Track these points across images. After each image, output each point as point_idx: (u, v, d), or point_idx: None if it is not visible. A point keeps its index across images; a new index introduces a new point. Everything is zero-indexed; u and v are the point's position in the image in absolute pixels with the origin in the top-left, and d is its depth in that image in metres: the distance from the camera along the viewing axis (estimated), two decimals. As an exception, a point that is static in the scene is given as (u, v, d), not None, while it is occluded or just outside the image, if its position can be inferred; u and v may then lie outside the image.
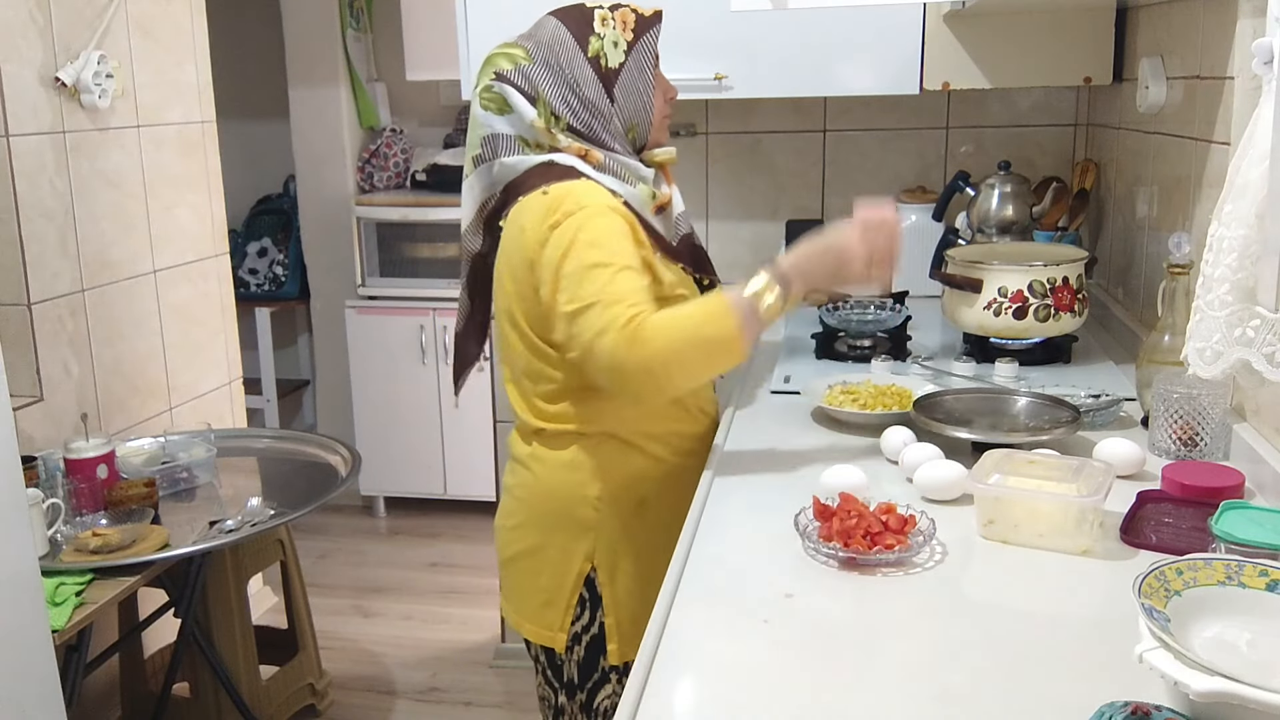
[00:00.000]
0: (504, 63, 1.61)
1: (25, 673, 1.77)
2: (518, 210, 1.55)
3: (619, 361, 1.40)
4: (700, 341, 1.42)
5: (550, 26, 1.62)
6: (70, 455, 2.25)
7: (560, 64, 1.59)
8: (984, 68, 2.34)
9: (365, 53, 4.30)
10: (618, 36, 1.61)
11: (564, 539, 1.62)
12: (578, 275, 1.45)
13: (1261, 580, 0.96)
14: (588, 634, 1.64)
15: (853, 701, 0.99)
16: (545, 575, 1.65)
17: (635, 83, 1.62)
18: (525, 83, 1.59)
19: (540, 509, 1.65)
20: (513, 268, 1.56)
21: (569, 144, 1.58)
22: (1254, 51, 1.29)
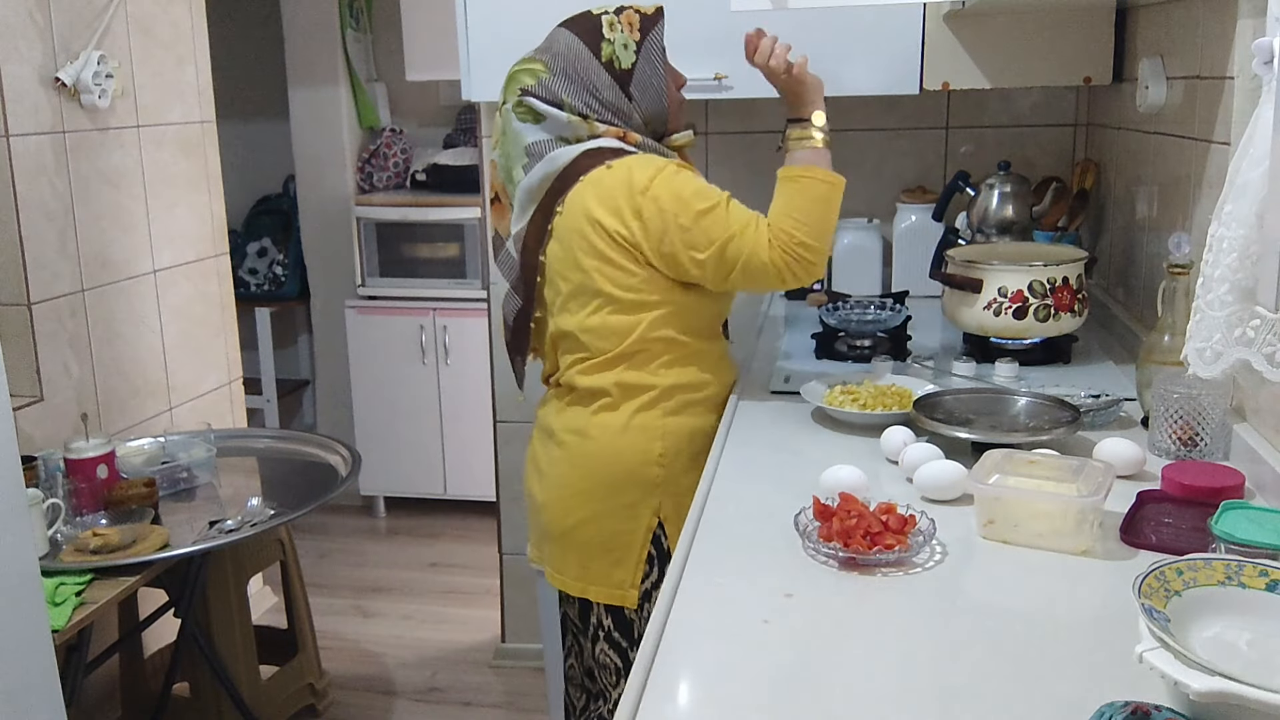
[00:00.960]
0: (527, 79, 1.75)
1: (25, 673, 1.77)
2: (581, 191, 1.70)
3: (781, 265, 1.66)
4: (819, 202, 1.70)
5: (564, 39, 1.76)
6: (70, 455, 2.25)
7: (578, 72, 1.73)
8: (984, 68, 2.34)
9: (365, 53, 4.30)
10: (626, 39, 1.75)
11: (631, 499, 1.74)
12: (696, 226, 1.66)
13: (1261, 580, 0.96)
14: (658, 590, 1.65)
15: (853, 701, 0.99)
16: (614, 536, 1.75)
17: (649, 79, 1.77)
18: (549, 95, 1.73)
19: (605, 472, 1.75)
20: (586, 244, 1.69)
21: (606, 129, 1.74)
22: (1254, 51, 1.29)
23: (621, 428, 1.75)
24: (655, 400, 1.75)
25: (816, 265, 1.69)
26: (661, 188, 1.66)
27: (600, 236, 1.69)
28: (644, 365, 1.75)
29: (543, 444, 1.87)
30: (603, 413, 1.76)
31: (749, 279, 1.69)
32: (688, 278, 1.71)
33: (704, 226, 1.66)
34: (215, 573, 2.49)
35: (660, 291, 1.73)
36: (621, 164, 1.69)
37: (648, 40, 1.77)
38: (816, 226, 1.69)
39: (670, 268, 1.70)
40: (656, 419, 1.75)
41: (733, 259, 1.67)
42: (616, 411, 1.75)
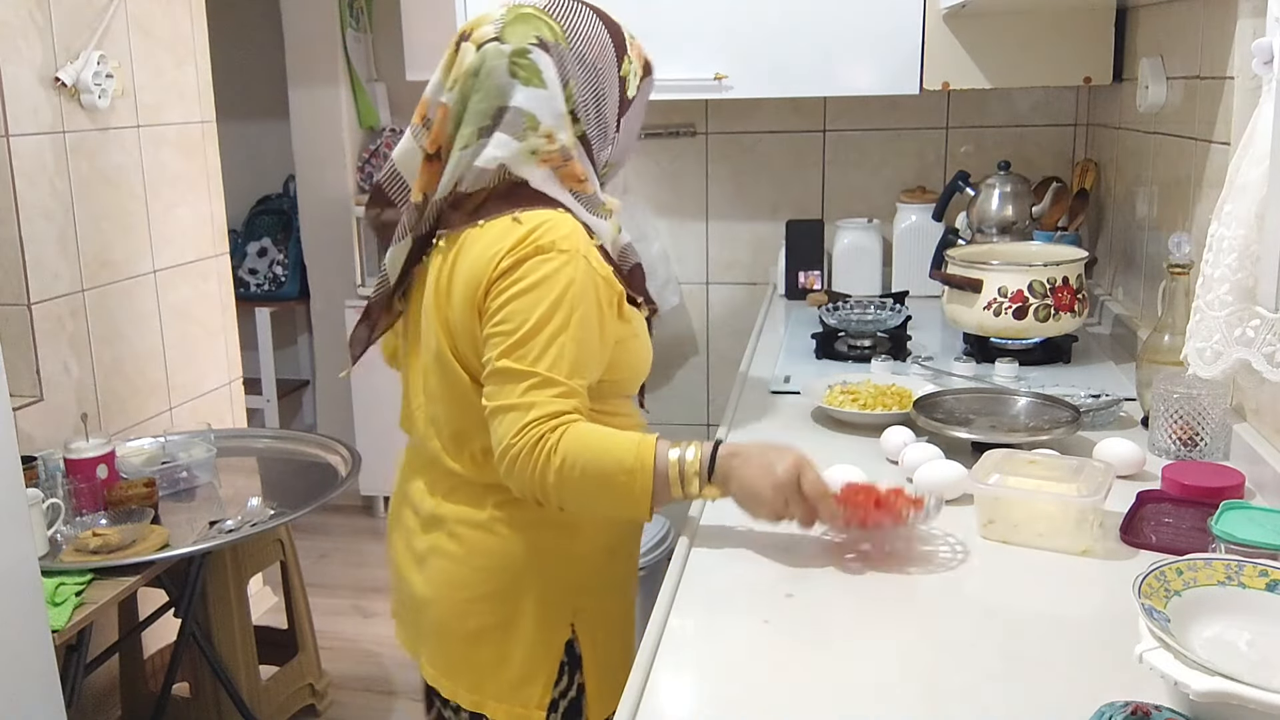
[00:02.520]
0: (546, 31, 1.34)
1: (25, 673, 1.77)
2: (480, 235, 1.32)
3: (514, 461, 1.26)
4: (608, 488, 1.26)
5: (588, 21, 1.38)
6: (70, 455, 2.25)
7: (597, 67, 1.37)
8: (984, 68, 2.34)
9: (365, 53, 4.30)
10: (637, 68, 1.43)
11: (544, 604, 1.41)
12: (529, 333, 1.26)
13: (1261, 580, 0.96)
14: (565, 699, 1.45)
15: (853, 701, 0.99)
16: (523, 647, 1.42)
17: (634, 123, 1.46)
18: (562, 67, 1.34)
19: (513, 575, 1.41)
20: (464, 296, 1.32)
21: (575, 159, 1.35)
22: (1254, 51, 1.29)
23: (531, 522, 1.39)
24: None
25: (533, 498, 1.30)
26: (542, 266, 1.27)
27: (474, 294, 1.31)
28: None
29: (420, 525, 1.48)
30: (504, 506, 1.39)
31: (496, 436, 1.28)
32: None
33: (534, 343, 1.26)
34: (215, 573, 2.49)
35: None
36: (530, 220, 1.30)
37: (646, 83, 1.46)
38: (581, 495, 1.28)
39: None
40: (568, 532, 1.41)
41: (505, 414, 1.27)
42: (520, 504, 1.36)
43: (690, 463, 1.26)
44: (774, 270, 2.75)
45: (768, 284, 2.80)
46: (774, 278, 2.75)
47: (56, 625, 1.90)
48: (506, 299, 1.28)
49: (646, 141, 2.79)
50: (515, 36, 1.33)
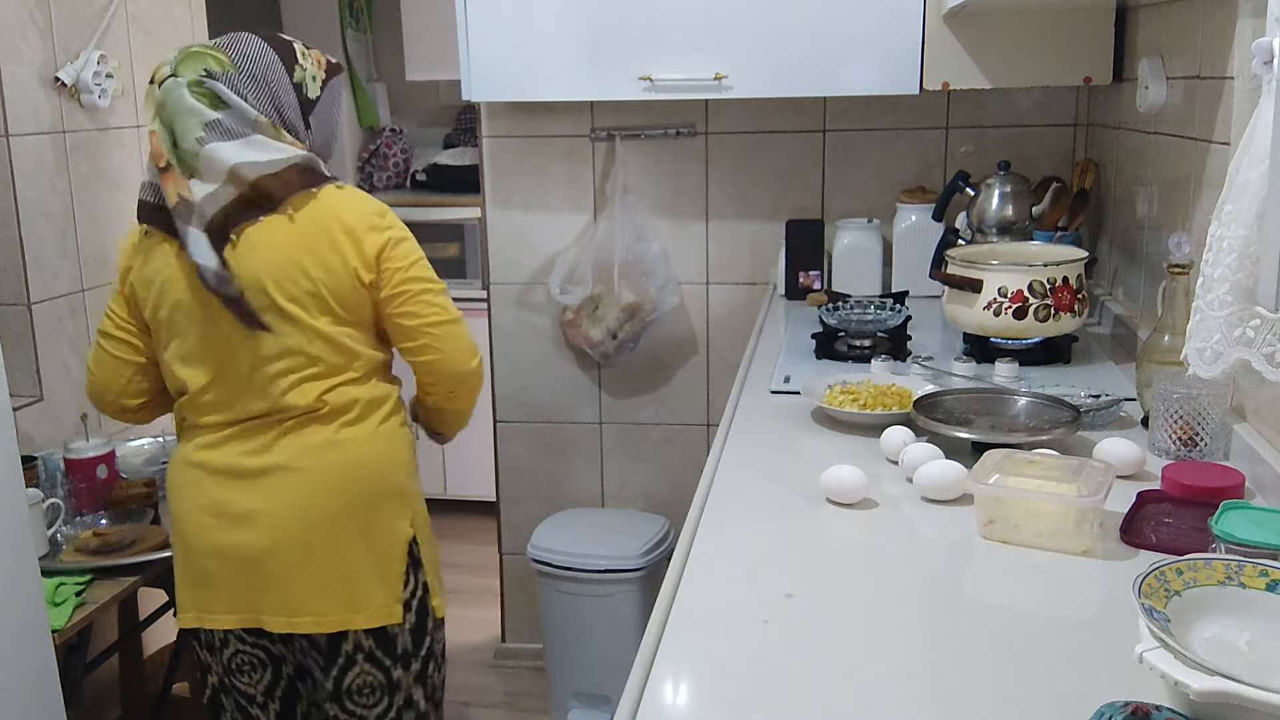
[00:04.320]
0: (212, 63, 1.68)
1: (25, 673, 1.77)
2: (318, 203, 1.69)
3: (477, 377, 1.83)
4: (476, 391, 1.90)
5: (255, 46, 1.72)
6: (70, 455, 2.25)
7: (268, 80, 1.71)
8: (984, 68, 2.34)
9: (365, 53, 4.30)
10: (315, 72, 1.78)
11: (390, 511, 1.75)
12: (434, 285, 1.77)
13: (1261, 580, 0.96)
14: (415, 598, 1.78)
15: (853, 701, 0.99)
16: (374, 554, 1.73)
17: (327, 116, 1.81)
18: (235, 89, 1.67)
19: (360, 487, 1.73)
20: (326, 257, 1.68)
21: (292, 141, 1.72)
22: (1254, 51, 1.29)
23: (372, 436, 1.75)
24: (394, 410, 1.80)
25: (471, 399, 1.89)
26: (406, 234, 1.77)
27: (353, 249, 1.69)
28: (373, 377, 1.78)
29: (240, 485, 1.71)
30: (345, 428, 1.73)
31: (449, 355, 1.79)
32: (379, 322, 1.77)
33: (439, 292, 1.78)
34: (215, 573, 2.49)
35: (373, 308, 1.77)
36: (350, 190, 1.75)
37: (332, 82, 1.82)
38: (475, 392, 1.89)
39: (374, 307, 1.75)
40: (397, 427, 1.80)
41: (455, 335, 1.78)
42: (361, 420, 1.75)
43: None
44: (774, 270, 2.75)
45: (768, 284, 2.80)
46: (774, 278, 2.75)
47: (56, 625, 1.90)
48: (402, 243, 1.74)
49: (646, 141, 2.79)
50: (187, 70, 1.67)
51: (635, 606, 2.65)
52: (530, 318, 2.95)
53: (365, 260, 1.69)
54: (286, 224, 1.66)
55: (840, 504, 1.40)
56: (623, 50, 2.42)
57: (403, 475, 1.78)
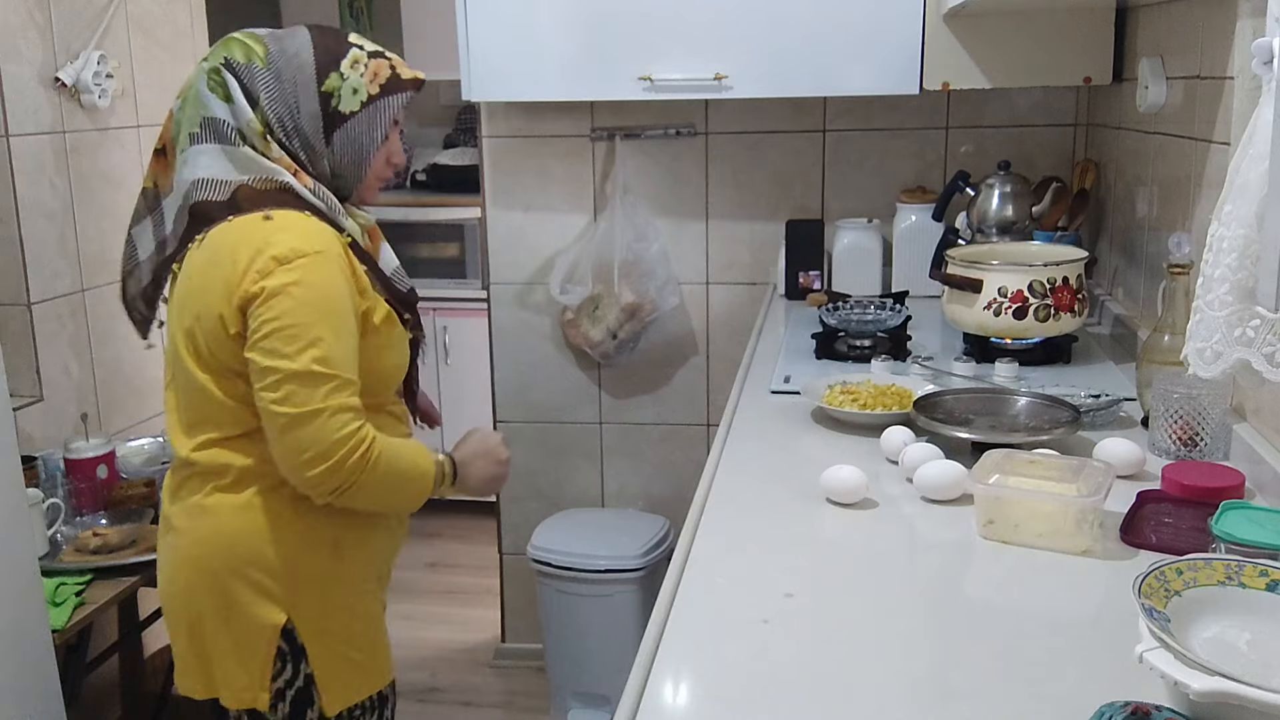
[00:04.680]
0: (239, 53, 1.52)
1: (25, 673, 1.77)
2: (226, 230, 1.46)
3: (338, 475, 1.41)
4: (405, 491, 1.53)
5: (301, 41, 1.54)
6: (70, 455, 2.25)
7: (291, 82, 1.51)
8: (984, 68, 2.34)
9: (365, 53, 4.29)
10: (360, 84, 1.53)
11: (249, 595, 1.50)
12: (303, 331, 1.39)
13: (1261, 580, 0.96)
14: (292, 688, 1.53)
15: (853, 701, 0.99)
16: (232, 636, 1.52)
17: (360, 136, 1.54)
18: (250, 82, 1.51)
19: (218, 562, 1.51)
20: (205, 292, 1.44)
21: (280, 156, 1.51)
22: (1254, 51, 1.29)
23: (236, 508, 1.50)
24: (278, 479, 1.48)
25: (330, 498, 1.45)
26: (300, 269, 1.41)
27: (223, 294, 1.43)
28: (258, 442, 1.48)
29: (163, 535, 1.61)
30: (217, 493, 1.51)
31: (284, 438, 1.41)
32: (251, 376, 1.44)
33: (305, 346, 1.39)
34: (215, 573, 2.49)
35: None
36: (281, 220, 1.45)
37: (383, 100, 1.54)
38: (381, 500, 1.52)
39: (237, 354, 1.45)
40: (278, 500, 1.50)
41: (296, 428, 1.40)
42: (230, 490, 1.50)
43: (445, 467, 1.56)
44: (774, 270, 2.75)
45: (768, 284, 2.80)
46: (774, 278, 2.75)
47: (56, 625, 1.90)
48: (274, 303, 1.39)
49: (646, 141, 2.79)
50: (213, 58, 1.53)
51: (635, 606, 2.65)
52: (530, 318, 2.95)
53: (231, 309, 1.42)
54: (195, 251, 1.48)
55: (840, 504, 1.40)
56: (623, 50, 2.42)
57: (276, 556, 1.50)
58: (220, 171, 1.49)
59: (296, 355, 1.38)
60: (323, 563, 1.53)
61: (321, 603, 1.53)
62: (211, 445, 1.51)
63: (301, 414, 1.38)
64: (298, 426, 1.39)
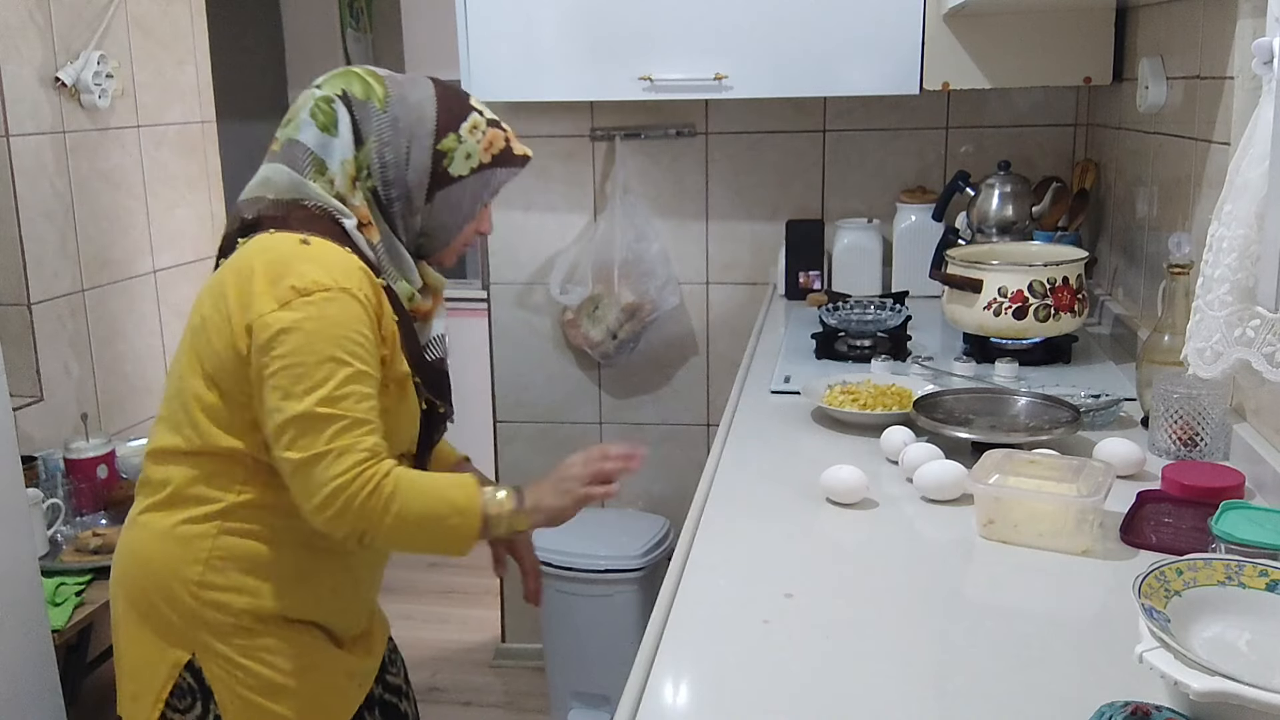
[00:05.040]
0: (358, 88, 1.45)
1: (25, 673, 1.77)
2: (262, 243, 1.38)
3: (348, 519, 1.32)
4: (440, 529, 1.37)
5: (424, 93, 1.47)
6: (70, 455, 2.25)
7: (407, 132, 1.44)
8: (984, 68, 2.34)
9: (365, 53, 4.30)
10: (474, 150, 1.47)
11: (158, 626, 1.44)
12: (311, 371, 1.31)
13: (1261, 580, 0.96)
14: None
15: (853, 701, 0.99)
16: (134, 660, 1.47)
17: (460, 201, 1.48)
18: (364, 120, 1.43)
19: (135, 585, 1.46)
20: (222, 298, 1.38)
21: (359, 206, 1.43)
22: (1254, 51, 1.29)
23: (163, 534, 1.43)
24: (221, 517, 1.41)
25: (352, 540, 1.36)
26: (317, 303, 1.32)
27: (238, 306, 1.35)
28: (211, 469, 1.41)
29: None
30: (149, 511, 1.45)
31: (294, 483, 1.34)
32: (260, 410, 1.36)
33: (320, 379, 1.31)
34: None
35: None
36: (319, 248, 1.36)
37: (489, 172, 1.48)
38: (409, 541, 1.40)
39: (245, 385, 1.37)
40: (214, 536, 1.41)
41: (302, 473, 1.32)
42: (165, 513, 1.43)
43: (504, 500, 1.41)
44: (774, 270, 2.75)
45: (768, 284, 2.80)
46: (774, 278, 2.75)
47: (56, 625, 1.90)
48: (285, 339, 1.32)
49: (646, 141, 2.80)
50: (329, 86, 1.45)
51: (635, 606, 2.65)
52: (530, 318, 2.95)
53: (240, 326, 1.35)
54: (236, 253, 1.42)
55: (840, 504, 1.40)
56: (623, 50, 2.42)
57: (186, 595, 1.40)
58: (281, 192, 1.42)
59: (302, 396, 1.31)
60: (240, 610, 1.42)
61: (233, 651, 1.42)
62: (164, 455, 1.44)
63: (306, 458, 1.31)
64: (303, 470, 1.32)
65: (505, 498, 1.41)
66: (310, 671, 1.47)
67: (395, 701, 1.73)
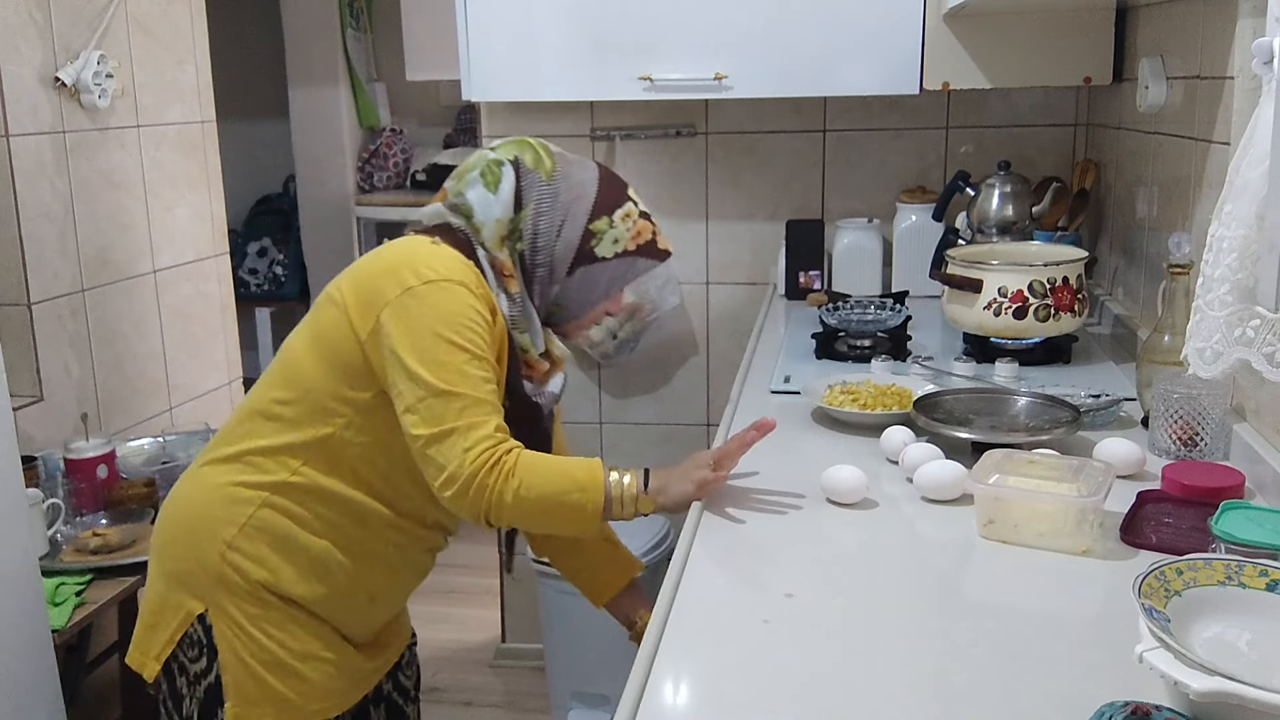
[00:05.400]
0: (529, 157, 1.54)
1: (25, 673, 1.77)
2: (398, 241, 1.51)
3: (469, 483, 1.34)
4: (563, 505, 1.39)
5: (588, 175, 1.56)
6: (70, 455, 2.25)
7: (565, 207, 1.52)
8: (984, 68, 2.34)
9: (365, 53, 4.30)
10: (623, 236, 1.55)
11: (183, 577, 1.49)
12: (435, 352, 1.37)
13: (1261, 580, 0.96)
14: (204, 680, 1.50)
15: (853, 702, 0.99)
16: (157, 600, 1.53)
17: (598, 281, 1.55)
18: (528, 187, 1.52)
19: (177, 525, 1.52)
20: (349, 281, 1.48)
21: (504, 260, 1.50)
22: (1254, 51, 1.29)
23: (212, 489, 1.49)
24: (275, 491, 1.47)
25: (479, 518, 1.39)
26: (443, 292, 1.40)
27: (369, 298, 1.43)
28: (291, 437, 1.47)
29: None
30: (210, 465, 1.52)
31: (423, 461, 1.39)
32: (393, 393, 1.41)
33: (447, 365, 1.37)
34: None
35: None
36: (448, 252, 1.46)
37: (631, 260, 1.56)
38: (534, 519, 1.42)
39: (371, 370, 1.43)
40: (253, 502, 1.47)
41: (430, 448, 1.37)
42: (222, 468, 1.50)
43: (629, 484, 1.41)
44: (774, 270, 2.75)
45: (768, 284, 2.80)
46: (774, 278, 2.75)
47: (56, 625, 1.90)
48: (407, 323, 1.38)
49: (646, 142, 2.80)
50: (503, 151, 1.55)
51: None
52: (530, 318, 2.95)
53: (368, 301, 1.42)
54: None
55: (840, 504, 1.40)
56: (623, 50, 2.42)
57: (216, 552, 1.46)
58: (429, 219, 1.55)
59: (426, 377, 1.36)
60: (256, 581, 1.47)
61: (243, 617, 1.47)
62: (256, 415, 1.50)
63: (433, 434, 1.36)
64: (432, 446, 1.36)
65: (630, 480, 1.42)
66: (313, 659, 1.50)
67: (401, 703, 1.75)
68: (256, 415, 1.50)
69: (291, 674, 1.48)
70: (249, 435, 1.50)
